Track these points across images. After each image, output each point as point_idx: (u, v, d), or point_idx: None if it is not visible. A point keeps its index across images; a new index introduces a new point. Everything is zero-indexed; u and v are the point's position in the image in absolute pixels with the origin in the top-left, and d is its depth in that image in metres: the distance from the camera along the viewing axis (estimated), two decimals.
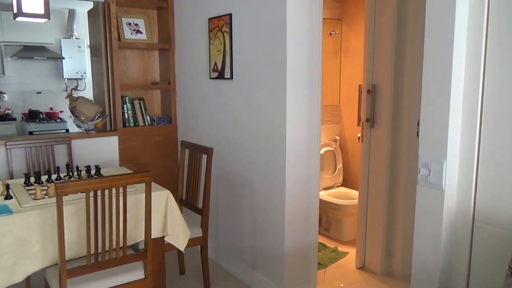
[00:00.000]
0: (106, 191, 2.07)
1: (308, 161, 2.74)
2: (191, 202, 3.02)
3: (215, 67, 3.25)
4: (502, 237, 1.61)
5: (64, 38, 5.99)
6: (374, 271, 3.22)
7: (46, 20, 3.12)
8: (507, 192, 1.58)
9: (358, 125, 3.19)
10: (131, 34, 3.69)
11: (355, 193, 3.95)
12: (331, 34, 4.20)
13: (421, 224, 1.80)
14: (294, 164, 2.68)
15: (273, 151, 2.74)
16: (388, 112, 3.00)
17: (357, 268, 3.31)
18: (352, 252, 3.60)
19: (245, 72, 2.93)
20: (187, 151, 3.15)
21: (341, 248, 3.70)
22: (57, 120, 5.81)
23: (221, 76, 3.20)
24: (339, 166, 4.28)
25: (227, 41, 3.08)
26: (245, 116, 2.98)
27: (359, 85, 3.17)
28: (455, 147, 1.69)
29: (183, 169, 3.17)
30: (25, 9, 2.98)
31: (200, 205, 2.95)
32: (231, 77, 3.09)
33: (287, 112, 2.59)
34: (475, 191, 1.68)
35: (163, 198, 2.52)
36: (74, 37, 6.04)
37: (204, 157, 2.92)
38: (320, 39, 2.62)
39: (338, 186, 4.28)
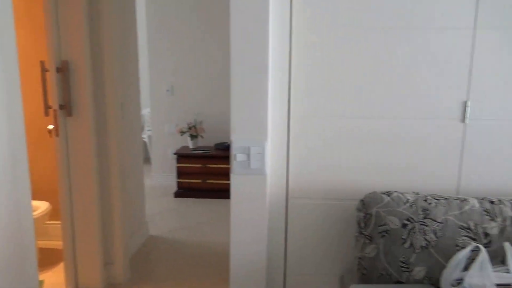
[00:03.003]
0: None
1: (14, 177, 1.90)
2: None
3: None
4: (313, 207, 1.73)
5: None
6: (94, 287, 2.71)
7: None
8: (315, 164, 1.69)
9: (47, 114, 2.48)
10: None
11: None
12: None
13: (241, 214, 1.65)
14: None
15: None
16: (89, 95, 2.49)
17: None
18: (48, 276, 2.88)
19: None
20: None
21: None
22: None
23: None
24: None
25: None
26: None
27: (41, 61, 2.44)
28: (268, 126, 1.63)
29: None
30: None
31: None
32: None
33: None
34: (287, 167, 1.70)
35: None
36: None
37: None
38: None
39: None
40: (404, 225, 1.43)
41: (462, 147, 1.63)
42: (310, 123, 1.66)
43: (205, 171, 4.36)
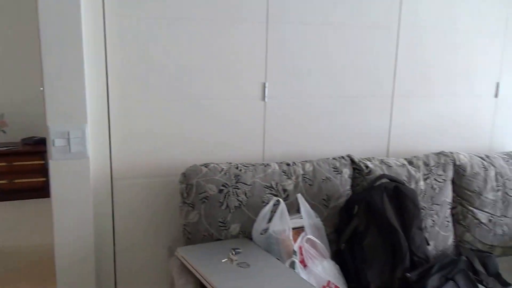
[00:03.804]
0: None
1: None
2: None
3: None
4: (139, 186, 1.84)
5: None
6: None
7: None
8: (138, 144, 1.81)
9: None
10: None
11: None
12: None
13: (64, 202, 1.66)
14: None
15: None
16: None
17: None
18: None
19: None
20: None
21: None
22: None
23: None
24: None
25: None
26: None
27: None
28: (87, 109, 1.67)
29: None
30: None
31: None
32: None
33: None
34: (110, 149, 1.77)
35: None
36: None
37: None
38: None
39: None
40: (221, 191, 1.67)
41: (264, 122, 1.96)
42: (130, 104, 1.76)
43: (11, 170, 3.97)
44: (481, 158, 2.12)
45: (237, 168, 1.74)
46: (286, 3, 1.89)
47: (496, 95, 2.32)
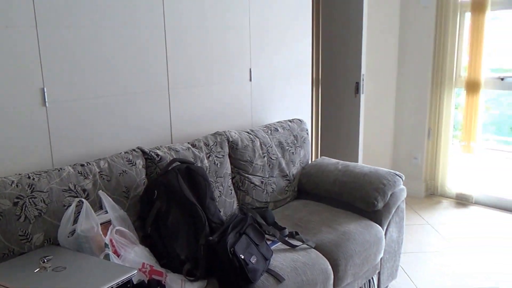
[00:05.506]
0: None
1: None
2: None
3: None
4: None
5: None
6: None
7: None
8: None
9: None
10: None
11: None
12: None
13: None
14: None
15: None
16: None
17: None
18: None
19: None
20: None
21: None
22: None
23: None
24: None
25: None
26: None
27: None
28: None
29: None
30: None
31: None
32: None
33: None
34: None
35: None
36: None
37: None
38: None
39: None
40: (16, 203, 1.62)
41: (48, 127, 1.94)
42: None
43: None
44: (248, 132, 2.59)
45: (29, 177, 1.70)
46: (54, 7, 1.90)
47: (250, 79, 2.84)
